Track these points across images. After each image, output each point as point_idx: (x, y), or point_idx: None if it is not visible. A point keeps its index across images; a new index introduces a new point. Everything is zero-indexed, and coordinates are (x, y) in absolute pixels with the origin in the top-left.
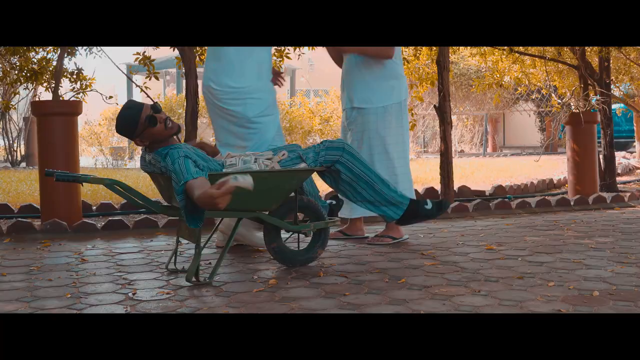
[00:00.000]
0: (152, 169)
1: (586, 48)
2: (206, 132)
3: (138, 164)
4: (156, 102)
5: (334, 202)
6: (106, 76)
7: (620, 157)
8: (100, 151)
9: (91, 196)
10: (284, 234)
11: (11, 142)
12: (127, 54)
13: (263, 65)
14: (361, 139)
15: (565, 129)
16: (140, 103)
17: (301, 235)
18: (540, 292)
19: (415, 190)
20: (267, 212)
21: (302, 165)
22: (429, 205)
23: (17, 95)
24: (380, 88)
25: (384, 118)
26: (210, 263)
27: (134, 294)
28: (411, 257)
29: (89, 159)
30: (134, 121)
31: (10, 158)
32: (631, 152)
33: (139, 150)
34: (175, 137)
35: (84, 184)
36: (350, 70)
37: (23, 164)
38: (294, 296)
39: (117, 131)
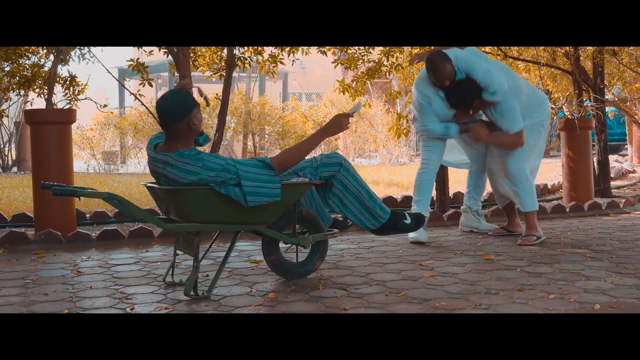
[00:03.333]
0: (160, 170)
1: (580, 53)
2: None
3: (130, 169)
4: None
5: (340, 218)
6: (97, 80)
7: (612, 160)
8: (92, 156)
9: (85, 204)
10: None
11: (2, 146)
12: (118, 58)
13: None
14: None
15: (560, 135)
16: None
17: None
18: (541, 305)
19: (410, 197)
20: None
21: (300, 179)
22: (408, 220)
23: (8, 101)
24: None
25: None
26: (207, 275)
27: (132, 309)
28: (410, 268)
29: (80, 163)
30: (190, 97)
31: (1, 163)
32: (623, 156)
33: (131, 154)
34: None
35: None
36: None
37: (14, 169)
38: (294, 311)
39: (170, 110)
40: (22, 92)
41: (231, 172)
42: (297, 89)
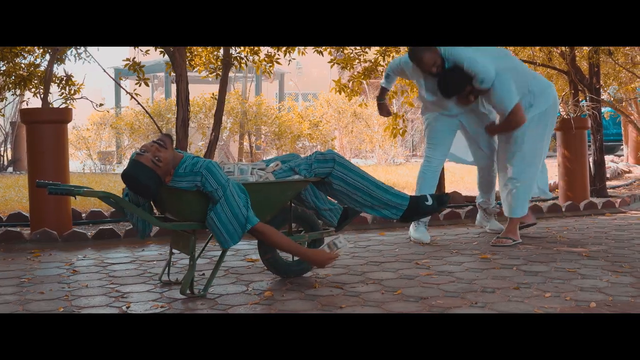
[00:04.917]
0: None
1: (576, 53)
2: (195, 137)
3: None
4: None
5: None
6: (93, 80)
7: (608, 160)
8: (88, 156)
9: (80, 203)
10: None
11: None
12: (115, 58)
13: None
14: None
15: (556, 135)
16: (135, 165)
17: None
18: (537, 303)
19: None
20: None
21: (296, 177)
22: (430, 201)
23: (4, 100)
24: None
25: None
26: (203, 274)
27: (127, 308)
28: (406, 266)
29: (76, 163)
30: (151, 172)
31: None
32: (619, 156)
33: (127, 154)
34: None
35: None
36: None
37: (10, 169)
38: (290, 310)
39: (152, 194)
40: (18, 92)
41: (216, 196)
42: (294, 89)
